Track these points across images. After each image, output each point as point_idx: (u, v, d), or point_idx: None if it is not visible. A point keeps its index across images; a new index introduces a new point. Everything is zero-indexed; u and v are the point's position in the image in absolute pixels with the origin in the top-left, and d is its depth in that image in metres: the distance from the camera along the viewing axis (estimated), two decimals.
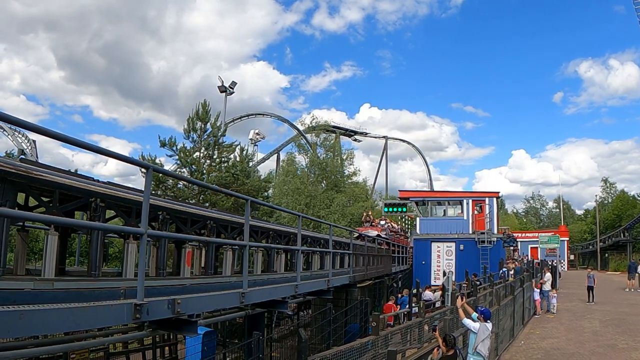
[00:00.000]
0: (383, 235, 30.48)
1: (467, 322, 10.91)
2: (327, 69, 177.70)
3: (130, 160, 5.72)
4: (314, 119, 72.03)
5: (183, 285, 7.05)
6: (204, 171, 32.02)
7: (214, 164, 33.15)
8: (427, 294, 22.92)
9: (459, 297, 11.80)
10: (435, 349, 9.99)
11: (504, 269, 24.77)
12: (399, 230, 38.80)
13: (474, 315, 11.07)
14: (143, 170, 7.38)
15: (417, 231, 36.18)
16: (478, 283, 20.75)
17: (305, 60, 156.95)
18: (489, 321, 10.91)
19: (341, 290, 17.09)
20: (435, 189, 69.40)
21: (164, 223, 8.16)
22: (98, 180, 6.77)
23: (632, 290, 31.69)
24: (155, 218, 8.03)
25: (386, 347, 9.69)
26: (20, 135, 64.33)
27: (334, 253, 14.54)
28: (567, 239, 63.50)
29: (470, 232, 33.85)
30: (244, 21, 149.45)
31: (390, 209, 40.72)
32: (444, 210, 36.62)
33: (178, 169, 32.18)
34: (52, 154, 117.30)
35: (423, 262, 33.94)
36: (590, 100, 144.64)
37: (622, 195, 75.63)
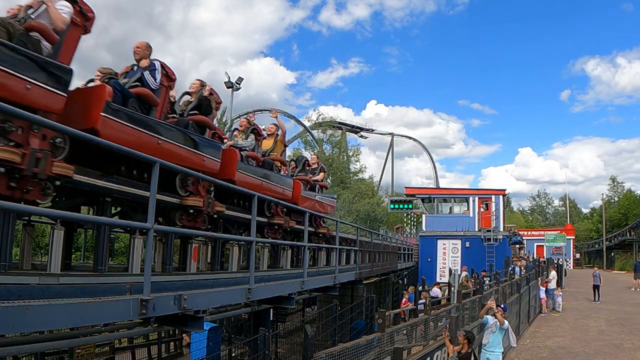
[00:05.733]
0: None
1: (507, 324, 11.34)
2: (334, 65, 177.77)
3: (137, 155, 5.68)
4: (320, 116, 72.41)
5: (189, 280, 7.03)
6: None
7: None
8: (435, 291, 22.91)
9: (491, 300, 12.00)
10: (452, 347, 10.02)
11: (513, 266, 24.66)
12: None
13: (486, 318, 11.16)
14: None
15: (423, 228, 36.09)
16: (488, 280, 20.79)
17: (312, 57, 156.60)
18: None
19: (347, 286, 17.06)
20: (441, 186, 69.08)
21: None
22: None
23: (638, 289, 31.54)
24: (162, 213, 8.02)
25: (392, 344, 9.67)
26: None
27: (340, 249, 14.49)
28: (573, 237, 63.35)
29: (476, 229, 33.69)
30: (251, 17, 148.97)
31: (396, 206, 40.69)
32: (450, 208, 36.52)
33: None
34: None
35: (429, 260, 33.83)
36: (597, 98, 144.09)
37: (629, 194, 75.26)
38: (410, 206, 39.06)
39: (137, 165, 7.02)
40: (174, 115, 8.53)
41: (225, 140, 10.49)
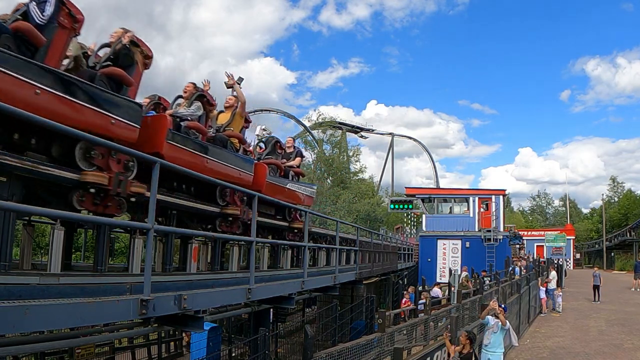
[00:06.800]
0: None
1: (509, 324, 11.50)
2: (334, 65, 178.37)
3: (137, 155, 5.68)
4: (320, 116, 72.20)
5: (189, 280, 7.02)
6: None
7: None
8: (436, 291, 22.89)
9: (494, 301, 12.00)
10: (453, 347, 10.05)
11: (513, 266, 24.70)
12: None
13: (487, 318, 11.17)
14: None
15: (423, 228, 36.09)
16: (488, 280, 20.79)
17: (312, 57, 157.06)
18: None
19: (347, 286, 17.04)
20: (441, 186, 69.14)
21: (171, 218, 8.13)
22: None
23: (638, 289, 31.52)
24: (162, 213, 7.99)
25: (392, 344, 9.67)
26: None
27: (340, 249, 14.46)
28: (573, 237, 63.27)
29: (477, 229, 33.68)
30: (251, 17, 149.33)
31: (397, 206, 40.69)
32: (450, 208, 36.49)
33: None
34: None
35: (429, 260, 33.84)
36: (597, 98, 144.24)
37: (629, 194, 75.14)
38: (410, 206, 39.10)
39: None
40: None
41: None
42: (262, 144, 12.82)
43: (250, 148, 11.97)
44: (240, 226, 9.57)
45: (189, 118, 8.26)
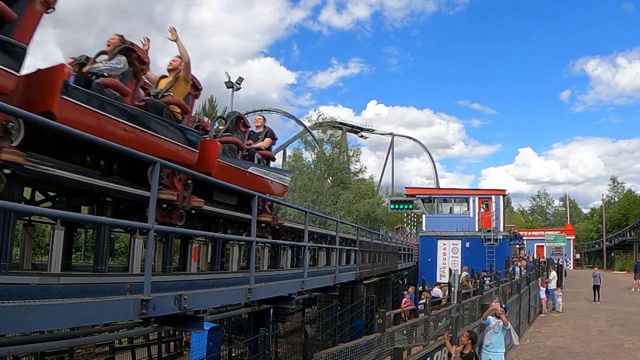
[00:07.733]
0: None
1: (510, 324, 11.60)
2: (334, 65, 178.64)
3: (138, 155, 5.67)
4: (320, 116, 72.13)
5: (189, 280, 7.00)
6: None
7: None
8: (436, 291, 22.89)
9: (496, 302, 11.99)
10: (454, 347, 10.05)
11: (513, 266, 24.70)
12: None
13: (488, 319, 11.17)
14: None
15: (423, 228, 36.10)
16: (488, 280, 20.79)
17: (312, 57, 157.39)
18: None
19: (347, 286, 17.04)
20: (441, 186, 69.10)
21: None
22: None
23: (638, 289, 31.51)
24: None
25: (392, 344, 9.66)
26: None
27: (340, 249, 14.44)
28: (573, 237, 63.27)
29: (477, 229, 33.71)
30: (251, 17, 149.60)
31: (397, 206, 40.68)
32: (450, 208, 36.52)
33: None
34: None
35: (429, 260, 33.86)
36: (597, 98, 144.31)
37: (629, 194, 75.14)
38: (410, 206, 39.05)
39: None
40: None
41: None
42: (222, 120, 11.08)
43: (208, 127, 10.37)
44: (183, 216, 7.53)
45: (105, 74, 6.46)
